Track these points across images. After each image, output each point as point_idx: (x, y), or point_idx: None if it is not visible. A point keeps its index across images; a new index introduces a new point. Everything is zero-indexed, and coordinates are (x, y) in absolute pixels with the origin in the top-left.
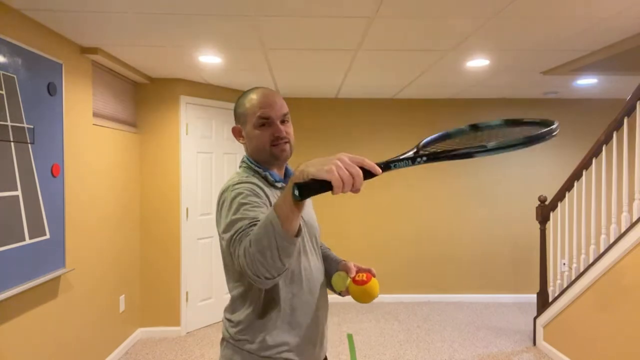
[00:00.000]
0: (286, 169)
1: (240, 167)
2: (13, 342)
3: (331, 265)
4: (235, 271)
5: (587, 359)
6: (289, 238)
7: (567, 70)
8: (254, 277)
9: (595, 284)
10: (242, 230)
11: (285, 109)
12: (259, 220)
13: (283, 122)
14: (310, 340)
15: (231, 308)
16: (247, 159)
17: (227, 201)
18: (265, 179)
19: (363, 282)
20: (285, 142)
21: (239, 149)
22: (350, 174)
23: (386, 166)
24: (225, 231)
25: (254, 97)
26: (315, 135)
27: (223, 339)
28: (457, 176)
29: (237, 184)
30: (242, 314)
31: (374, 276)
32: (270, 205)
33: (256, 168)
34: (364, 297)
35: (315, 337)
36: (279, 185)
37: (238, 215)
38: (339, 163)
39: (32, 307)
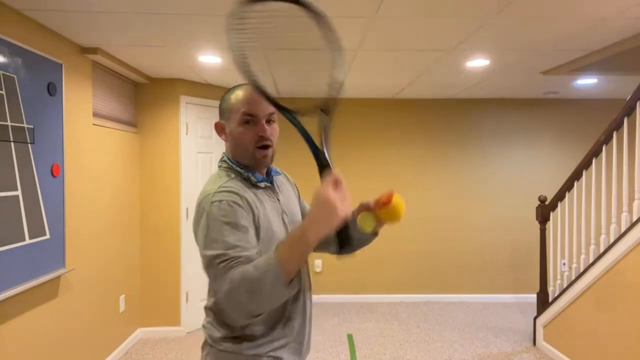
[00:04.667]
0: (269, 168)
1: (219, 166)
2: (13, 342)
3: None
4: None
5: (587, 359)
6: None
7: (567, 70)
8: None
9: (595, 284)
10: (226, 261)
11: (272, 108)
12: (239, 248)
13: (269, 121)
14: (300, 340)
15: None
16: (228, 158)
17: (207, 216)
18: (247, 179)
19: (386, 203)
20: (268, 147)
21: None
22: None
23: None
24: (206, 248)
25: (240, 92)
26: None
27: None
28: (456, 176)
29: (219, 192)
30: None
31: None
32: (252, 210)
33: (237, 169)
34: (395, 215)
35: (303, 336)
36: (262, 185)
37: (218, 237)
38: (335, 202)
39: (32, 307)
